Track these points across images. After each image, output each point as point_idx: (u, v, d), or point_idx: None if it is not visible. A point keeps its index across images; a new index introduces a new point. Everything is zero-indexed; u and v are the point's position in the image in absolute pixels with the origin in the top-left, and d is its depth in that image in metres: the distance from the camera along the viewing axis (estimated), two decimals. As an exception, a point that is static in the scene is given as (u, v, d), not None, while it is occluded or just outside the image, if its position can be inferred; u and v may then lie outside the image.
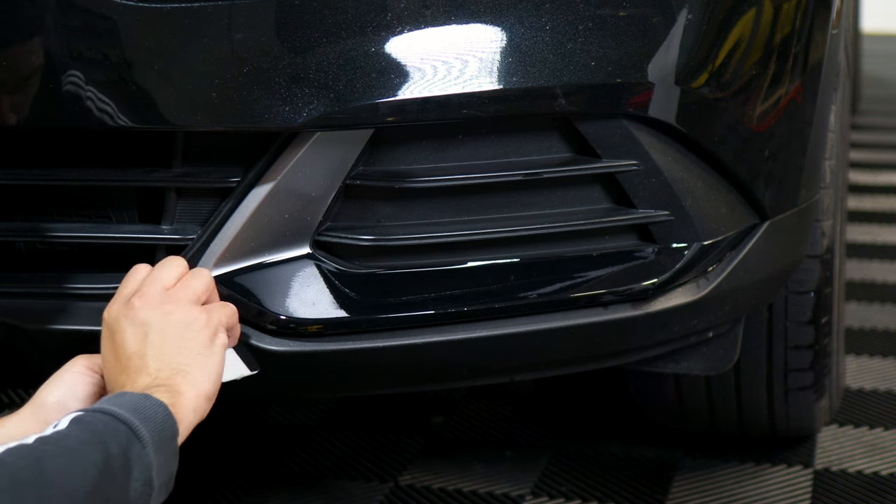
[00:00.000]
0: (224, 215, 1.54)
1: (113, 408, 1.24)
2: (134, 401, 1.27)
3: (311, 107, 1.48)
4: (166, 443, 1.27)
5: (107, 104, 1.49)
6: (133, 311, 1.39)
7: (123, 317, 1.39)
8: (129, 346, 1.37)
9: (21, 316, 1.59)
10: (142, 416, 1.25)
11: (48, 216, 1.60)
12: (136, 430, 1.23)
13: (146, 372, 1.35)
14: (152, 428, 1.25)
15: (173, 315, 1.39)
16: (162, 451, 1.26)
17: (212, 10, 1.48)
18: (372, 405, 2.50)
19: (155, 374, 1.34)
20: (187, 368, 1.36)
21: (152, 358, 1.36)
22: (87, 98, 1.49)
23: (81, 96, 1.49)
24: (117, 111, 1.49)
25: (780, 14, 1.73)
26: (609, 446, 2.31)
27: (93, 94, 1.49)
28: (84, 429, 1.21)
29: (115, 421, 1.23)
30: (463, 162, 1.58)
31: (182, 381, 1.34)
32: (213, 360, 1.39)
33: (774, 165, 1.75)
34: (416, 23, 1.51)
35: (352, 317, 1.57)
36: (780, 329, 2.04)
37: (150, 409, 1.27)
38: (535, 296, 1.62)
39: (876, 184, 4.36)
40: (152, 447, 1.24)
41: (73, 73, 1.49)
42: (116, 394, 1.30)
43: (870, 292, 3.17)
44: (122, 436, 1.22)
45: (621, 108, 1.58)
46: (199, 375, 1.36)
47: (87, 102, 1.49)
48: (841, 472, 2.21)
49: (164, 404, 1.28)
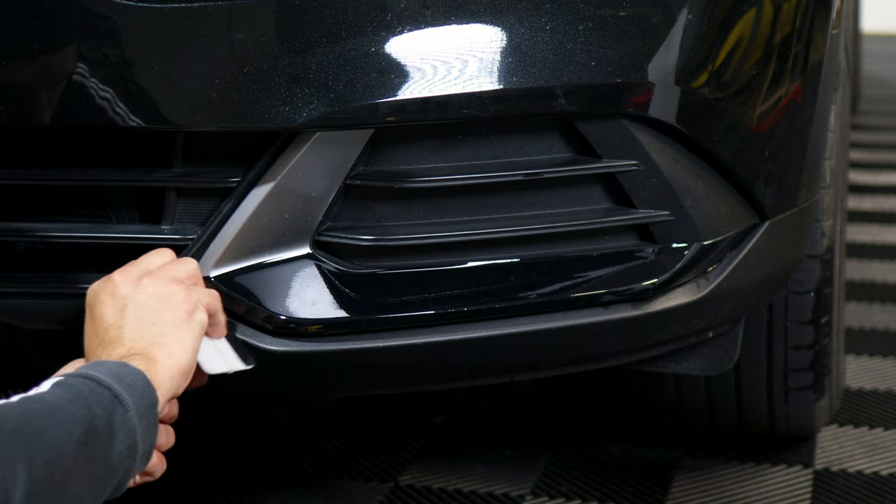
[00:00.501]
0: (224, 215, 1.54)
1: (94, 373, 1.25)
2: (113, 368, 1.28)
3: (311, 107, 1.48)
4: (147, 409, 1.28)
5: (107, 104, 1.49)
6: (112, 284, 1.40)
7: (102, 290, 1.41)
8: (107, 318, 1.38)
9: (21, 316, 1.59)
10: (122, 382, 1.26)
11: (48, 216, 1.60)
12: (118, 395, 1.25)
13: (121, 343, 1.36)
14: (133, 394, 1.26)
15: (151, 288, 1.40)
16: (144, 417, 1.27)
17: (212, 10, 1.48)
18: (372, 405, 2.50)
19: (130, 345, 1.35)
20: (162, 339, 1.36)
21: (129, 329, 1.37)
22: (87, 98, 1.49)
23: (81, 96, 1.49)
24: (117, 111, 1.49)
25: (780, 14, 1.73)
26: (609, 446, 2.31)
27: (93, 93, 1.49)
28: (68, 391, 1.22)
29: (98, 385, 1.24)
30: (463, 162, 1.58)
31: (157, 351, 1.35)
32: (189, 335, 1.39)
33: (774, 165, 1.75)
34: (416, 23, 1.51)
35: (352, 317, 1.57)
36: (780, 329, 2.04)
37: (128, 376, 1.28)
38: (535, 296, 1.62)
39: (876, 184, 4.36)
40: (135, 412, 1.25)
41: (72, 73, 1.49)
42: (94, 362, 1.30)
43: (870, 292, 3.17)
44: (105, 399, 1.23)
45: (621, 108, 1.58)
46: (175, 348, 1.37)
47: (87, 102, 1.49)
48: (841, 472, 2.21)
49: (142, 372, 1.30)
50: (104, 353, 1.36)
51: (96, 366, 1.29)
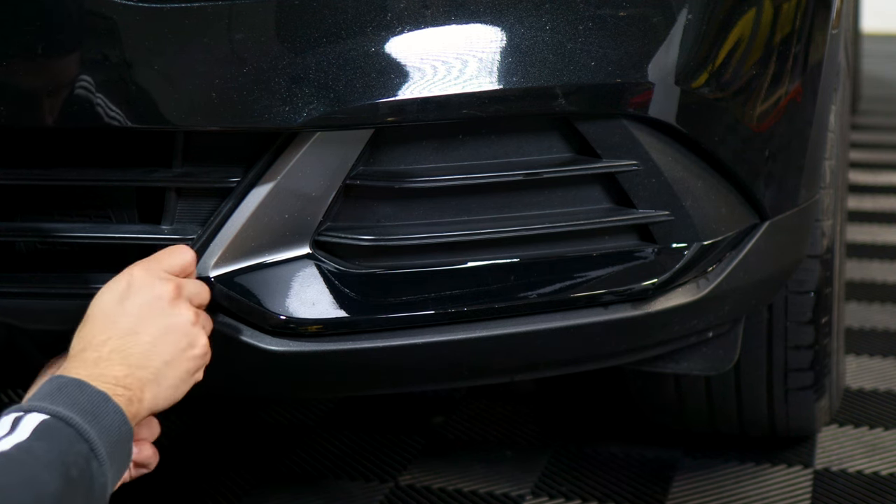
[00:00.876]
0: (224, 215, 1.54)
1: (75, 417, 1.24)
2: (93, 402, 1.27)
3: (311, 107, 1.48)
4: (121, 451, 1.29)
5: (107, 104, 1.49)
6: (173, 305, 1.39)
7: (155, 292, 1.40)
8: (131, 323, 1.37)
9: (21, 316, 1.59)
10: (100, 425, 1.26)
11: (48, 216, 1.60)
12: (95, 448, 1.25)
13: (128, 363, 1.34)
14: (108, 438, 1.27)
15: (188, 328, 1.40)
16: (116, 461, 1.28)
17: (212, 10, 1.48)
18: (372, 405, 2.50)
19: (133, 371, 1.34)
20: (162, 381, 1.37)
21: (143, 353, 1.36)
22: (86, 98, 1.49)
23: (81, 96, 1.49)
24: (117, 111, 1.49)
25: (780, 14, 1.73)
26: (609, 446, 2.31)
27: (93, 93, 1.49)
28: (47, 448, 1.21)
29: (77, 437, 1.24)
30: (463, 162, 1.58)
31: (148, 391, 1.35)
32: (182, 388, 1.40)
33: (774, 165, 1.75)
34: (416, 23, 1.51)
35: (352, 317, 1.57)
36: (780, 329, 2.04)
37: (108, 415, 1.28)
38: (535, 296, 1.62)
39: (876, 184, 4.36)
40: (108, 463, 1.26)
41: (72, 73, 1.49)
42: (75, 383, 1.29)
43: (870, 292, 3.17)
44: (81, 457, 1.23)
45: (621, 108, 1.58)
46: (164, 395, 1.37)
47: (87, 102, 1.49)
48: (841, 472, 2.21)
49: (122, 410, 1.29)
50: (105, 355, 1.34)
51: (78, 391, 1.28)
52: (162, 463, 2.28)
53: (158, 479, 2.22)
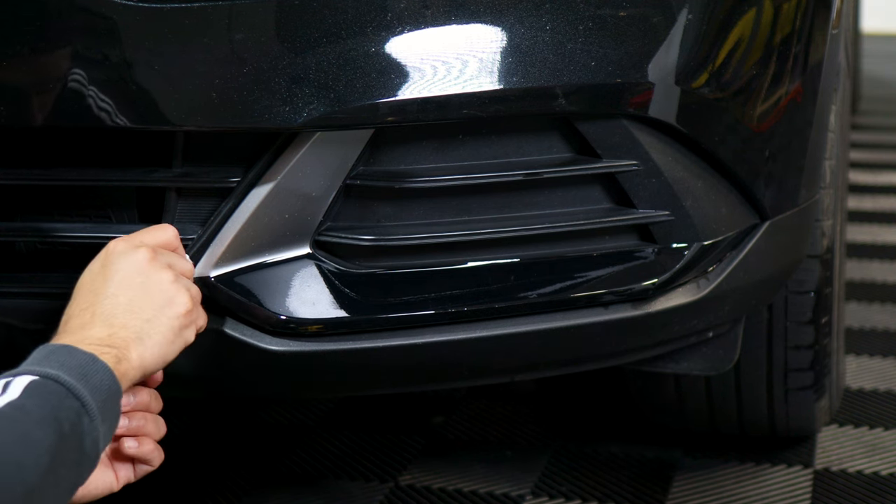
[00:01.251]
0: (224, 215, 1.54)
1: (65, 376, 1.26)
2: (82, 364, 1.29)
3: (311, 107, 1.48)
4: (111, 408, 1.30)
5: (107, 104, 1.49)
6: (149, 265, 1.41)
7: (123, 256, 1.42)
8: (111, 287, 1.39)
9: (21, 316, 1.59)
10: (89, 384, 1.28)
11: (48, 216, 1.60)
12: (85, 404, 1.26)
13: (109, 322, 1.36)
14: (99, 395, 1.28)
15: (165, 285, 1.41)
16: (107, 418, 1.29)
17: (212, 10, 1.48)
18: (372, 405, 2.50)
19: (116, 330, 1.36)
20: (146, 339, 1.37)
21: (123, 312, 1.37)
22: (87, 98, 1.49)
23: (81, 96, 1.49)
24: (117, 111, 1.49)
25: (780, 14, 1.73)
26: (609, 446, 2.31)
27: (93, 93, 1.49)
28: (38, 404, 1.23)
29: (67, 394, 1.25)
30: (463, 162, 1.58)
31: (133, 349, 1.36)
32: (171, 348, 1.40)
33: (774, 165, 1.75)
34: (416, 23, 1.51)
35: (352, 317, 1.57)
36: (780, 329, 2.04)
37: (96, 374, 1.29)
38: (535, 296, 1.62)
39: (876, 184, 4.36)
40: (99, 418, 1.27)
41: (72, 73, 1.49)
42: (65, 349, 1.31)
43: (870, 292, 3.17)
44: (73, 412, 1.24)
45: (621, 108, 1.58)
46: (151, 351, 1.38)
47: (88, 102, 1.49)
48: (841, 472, 2.21)
49: (110, 369, 1.30)
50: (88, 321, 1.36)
51: (68, 355, 1.29)
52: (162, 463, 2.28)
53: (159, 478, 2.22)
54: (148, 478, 2.20)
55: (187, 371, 1.52)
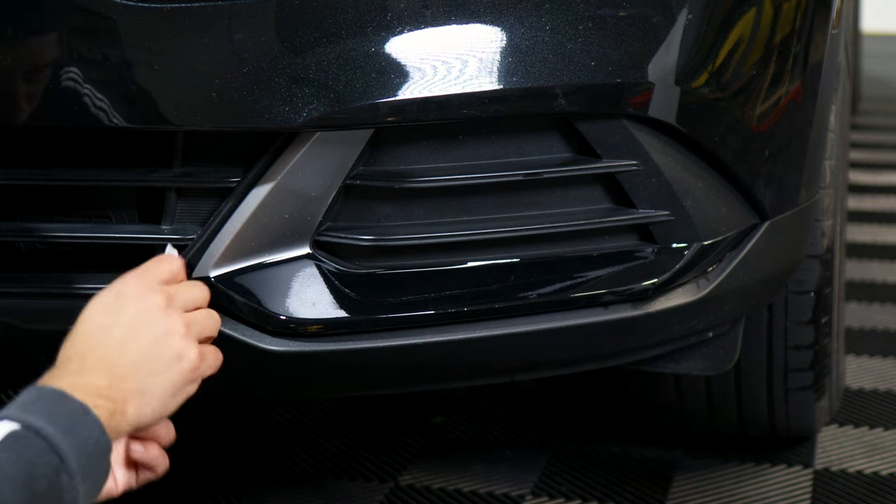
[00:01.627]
0: (224, 215, 1.54)
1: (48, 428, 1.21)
2: (72, 413, 1.23)
3: (311, 107, 1.48)
4: (96, 465, 1.24)
5: (107, 104, 1.49)
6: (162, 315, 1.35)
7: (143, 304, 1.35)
8: (119, 334, 1.33)
9: (21, 316, 1.59)
10: (76, 438, 1.22)
11: (48, 216, 1.60)
12: (66, 461, 1.20)
13: (112, 373, 1.30)
14: (83, 452, 1.22)
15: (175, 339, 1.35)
16: (90, 476, 1.23)
17: (212, 10, 1.48)
18: (372, 405, 2.50)
19: (118, 383, 1.30)
20: (148, 394, 1.32)
21: (128, 364, 1.31)
22: (87, 98, 1.49)
23: (81, 96, 1.49)
24: (117, 111, 1.49)
25: (780, 14, 1.73)
26: (609, 446, 2.31)
27: (93, 93, 1.49)
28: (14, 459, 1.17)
29: (48, 450, 1.19)
30: (463, 162, 1.58)
31: (132, 403, 1.30)
32: (172, 402, 1.36)
33: (775, 165, 1.75)
34: (416, 23, 1.51)
35: (352, 317, 1.57)
36: (780, 329, 2.04)
37: (85, 427, 1.23)
38: (535, 296, 1.62)
39: (876, 184, 4.36)
40: (80, 476, 1.21)
41: (73, 73, 1.49)
42: (58, 394, 1.24)
43: (870, 292, 3.17)
44: (51, 469, 1.19)
45: (621, 108, 1.58)
46: (150, 406, 1.33)
47: (87, 102, 1.49)
48: (841, 472, 2.21)
49: (101, 424, 1.25)
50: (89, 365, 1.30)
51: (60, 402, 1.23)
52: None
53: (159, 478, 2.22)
54: (148, 477, 2.18)
55: (187, 371, 1.52)
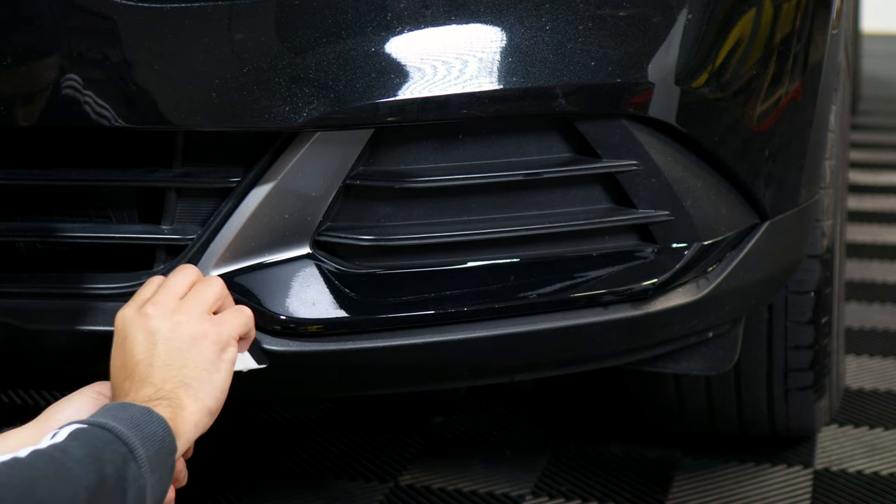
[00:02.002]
0: (224, 215, 1.54)
1: (113, 423, 1.24)
2: (136, 416, 1.27)
3: (311, 107, 1.48)
4: (163, 460, 1.27)
5: (107, 104, 1.49)
6: (145, 318, 1.39)
7: (135, 323, 1.40)
8: (137, 354, 1.37)
9: (21, 316, 1.59)
10: (141, 433, 1.25)
11: (48, 216, 1.60)
12: (133, 450, 1.23)
13: (150, 382, 1.35)
14: (150, 446, 1.25)
15: (183, 327, 1.39)
16: (158, 470, 1.26)
17: (212, 10, 1.48)
18: (372, 405, 2.50)
19: (160, 385, 1.34)
20: (192, 382, 1.36)
21: (158, 368, 1.36)
22: (87, 98, 1.49)
23: (82, 96, 1.49)
24: (117, 111, 1.49)
25: (780, 14, 1.73)
26: (609, 446, 2.31)
27: (93, 93, 1.49)
28: (81, 445, 1.20)
29: (114, 439, 1.22)
30: (463, 162, 1.58)
31: (185, 395, 1.34)
32: (219, 376, 1.39)
33: (775, 165, 1.75)
34: (416, 23, 1.51)
35: (352, 317, 1.57)
36: (780, 329, 2.04)
37: (150, 425, 1.27)
38: (535, 296, 1.62)
39: (876, 184, 4.36)
40: (148, 467, 1.24)
41: (73, 73, 1.49)
42: (118, 404, 1.29)
43: (870, 292, 3.17)
44: (118, 456, 1.21)
45: (621, 108, 1.58)
46: (203, 390, 1.36)
47: (88, 102, 1.49)
48: (841, 472, 2.21)
49: (165, 420, 1.28)
50: (133, 389, 1.35)
51: (120, 410, 1.27)
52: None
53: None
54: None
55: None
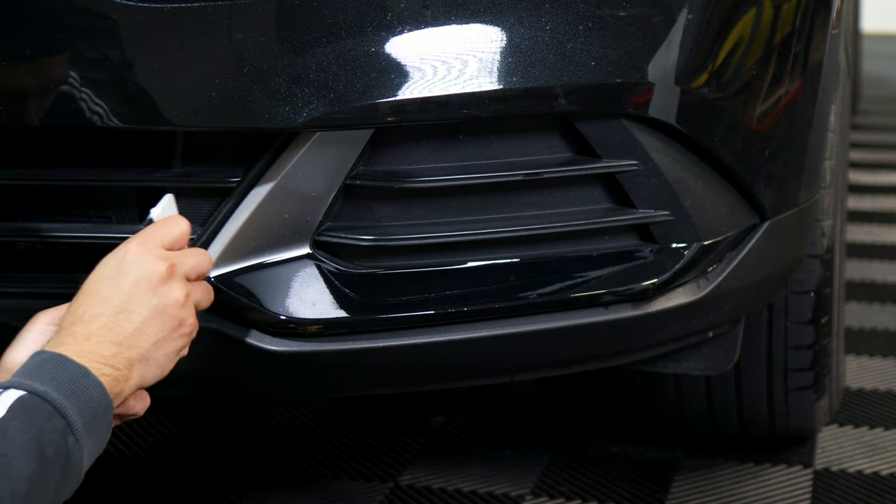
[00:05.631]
0: (224, 215, 1.54)
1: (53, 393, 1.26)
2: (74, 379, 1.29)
3: (311, 107, 1.48)
4: (98, 424, 1.30)
5: (107, 104, 1.49)
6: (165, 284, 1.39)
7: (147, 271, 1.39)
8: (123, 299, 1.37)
9: (21, 316, 1.59)
10: (79, 400, 1.28)
11: (48, 216, 1.60)
12: (72, 423, 1.27)
13: (117, 342, 1.35)
14: (87, 412, 1.29)
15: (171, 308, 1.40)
16: (94, 433, 1.30)
17: (212, 10, 1.48)
18: (372, 405, 2.50)
19: (120, 352, 1.35)
20: (150, 362, 1.38)
21: (133, 331, 1.37)
22: (87, 98, 1.49)
23: (81, 96, 1.49)
24: (117, 111, 1.49)
25: (780, 14, 1.73)
26: (609, 446, 2.31)
27: (93, 93, 1.49)
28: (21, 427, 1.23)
29: (53, 412, 1.26)
30: (463, 162, 1.58)
31: (135, 373, 1.36)
32: (167, 369, 1.40)
33: (775, 165, 1.75)
34: (416, 23, 1.51)
35: (352, 317, 1.57)
36: (780, 329, 2.04)
37: (87, 390, 1.29)
38: (535, 296, 1.62)
39: (876, 184, 4.36)
40: (85, 436, 1.28)
41: (73, 73, 1.49)
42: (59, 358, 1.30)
43: (870, 292, 3.17)
44: (58, 433, 1.25)
45: (621, 108, 1.58)
46: (152, 374, 1.38)
47: (87, 102, 1.49)
48: (841, 472, 2.21)
49: (102, 386, 1.31)
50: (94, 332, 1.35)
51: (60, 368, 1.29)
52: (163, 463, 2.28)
53: (159, 478, 2.22)
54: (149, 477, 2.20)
55: (186, 371, 1.52)
